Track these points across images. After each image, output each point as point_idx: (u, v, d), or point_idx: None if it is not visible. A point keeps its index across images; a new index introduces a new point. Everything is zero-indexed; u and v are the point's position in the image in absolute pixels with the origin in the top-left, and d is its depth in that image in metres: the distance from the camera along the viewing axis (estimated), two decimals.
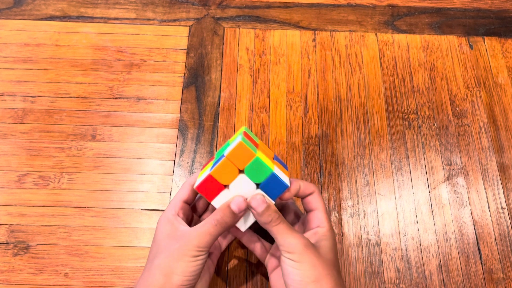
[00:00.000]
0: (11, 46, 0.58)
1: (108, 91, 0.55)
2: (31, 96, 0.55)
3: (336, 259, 0.39)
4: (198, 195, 0.44)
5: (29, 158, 0.51)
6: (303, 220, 0.43)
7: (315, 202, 0.41)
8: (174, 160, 0.52)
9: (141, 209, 0.49)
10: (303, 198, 0.42)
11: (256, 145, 0.40)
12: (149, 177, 0.51)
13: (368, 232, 0.49)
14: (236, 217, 0.38)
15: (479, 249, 0.48)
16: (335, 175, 0.52)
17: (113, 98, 0.55)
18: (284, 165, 0.42)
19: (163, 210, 0.49)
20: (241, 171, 0.38)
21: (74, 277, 0.45)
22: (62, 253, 0.47)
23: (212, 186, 0.38)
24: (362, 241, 0.48)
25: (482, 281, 0.47)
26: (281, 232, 0.37)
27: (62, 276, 0.46)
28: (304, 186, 0.41)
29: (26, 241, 0.47)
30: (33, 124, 0.53)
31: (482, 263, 0.48)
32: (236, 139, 0.38)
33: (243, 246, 0.47)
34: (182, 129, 0.54)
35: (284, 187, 0.38)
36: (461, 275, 0.47)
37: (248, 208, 0.38)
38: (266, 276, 0.46)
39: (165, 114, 0.54)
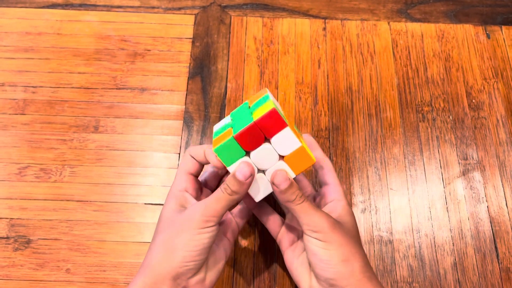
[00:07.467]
0: (12, 35, 0.56)
1: (111, 82, 0.54)
2: (32, 86, 0.53)
3: (359, 235, 0.39)
4: (208, 168, 0.42)
5: (30, 150, 0.50)
6: (318, 195, 0.42)
7: (330, 176, 0.40)
8: (179, 153, 0.50)
9: (145, 203, 0.48)
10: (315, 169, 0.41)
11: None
12: (153, 170, 0.49)
13: (380, 228, 0.47)
14: (243, 185, 0.35)
15: (496, 247, 0.46)
16: (346, 169, 0.50)
17: (117, 88, 0.53)
18: (300, 134, 0.41)
19: None
20: (266, 140, 0.36)
21: (76, 273, 0.44)
22: (63, 248, 0.45)
23: (233, 151, 0.35)
24: (373, 238, 0.46)
25: (499, 281, 0.45)
26: (305, 211, 0.35)
27: (64, 271, 0.44)
28: (319, 159, 0.40)
29: (27, 235, 0.46)
30: (34, 115, 0.51)
31: (499, 261, 0.46)
32: (265, 102, 0.36)
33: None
34: (187, 121, 0.52)
35: (310, 162, 0.36)
36: (477, 274, 0.45)
37: (256, 176, 0.36)
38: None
39: (169, 105, 0.53)
